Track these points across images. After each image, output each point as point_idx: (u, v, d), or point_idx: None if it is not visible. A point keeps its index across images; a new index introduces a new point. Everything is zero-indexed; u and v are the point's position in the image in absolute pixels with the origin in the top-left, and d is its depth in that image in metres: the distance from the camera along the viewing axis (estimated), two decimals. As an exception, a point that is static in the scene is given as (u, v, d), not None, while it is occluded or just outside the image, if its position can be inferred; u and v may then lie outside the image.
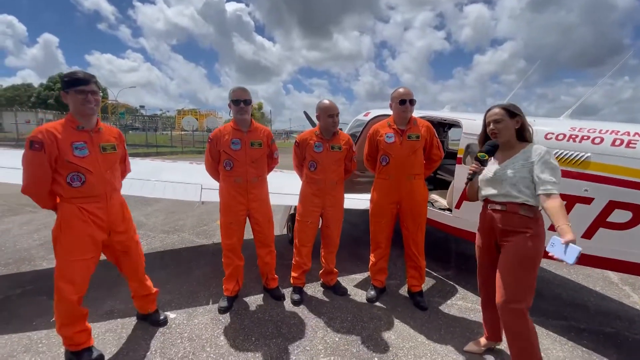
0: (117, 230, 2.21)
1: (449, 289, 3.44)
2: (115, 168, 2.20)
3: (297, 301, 3.01)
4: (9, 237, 4.73)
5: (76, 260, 2.04)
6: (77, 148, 1.97)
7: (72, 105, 1.99)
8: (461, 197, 3.31)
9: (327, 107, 2.88)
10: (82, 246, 2.05)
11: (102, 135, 2.12)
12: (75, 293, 2.07)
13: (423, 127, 2.91)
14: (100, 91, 2.12)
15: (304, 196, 3.01)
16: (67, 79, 1.97)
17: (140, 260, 2.45)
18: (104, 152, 2.10)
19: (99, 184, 2.06)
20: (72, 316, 2.11)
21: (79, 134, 2.01)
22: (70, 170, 1.97)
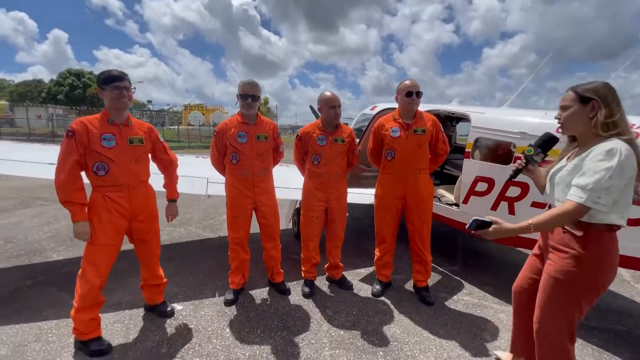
0: (137, 219, 2.32)
1: (455, 284, 3.42)
2: (142, 160, 2.31)
3: (307, 294, 3.02)
4: (20, 229, 4.82)
5: (100, 245, 2.18)
6: (105, 139, 2.13)
7: (108, 100, 2.15)
8: (469, 192, 3.26)
9: (329, 98, 2.85)
10: (105, 232, 2.18)
11: (131, 128, 2.26)
12: (98, 277, 2.19)
13: (429, 121, 2.87)
14: (134, 88, 2.24)
15: (307, 191, 3.00)
16: (104, 77, 2.12)
17: (156, 249, 2.53)
18: (131, 144, 2.23)
19: (122, 174, 2.18)
20: (90, 301, 2.21)
21: (109, 127, 2.16)
22: (97, 159, 2.12)
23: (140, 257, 2.53)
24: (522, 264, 4.15)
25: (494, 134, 3.13)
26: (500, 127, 3.07)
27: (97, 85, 2.17)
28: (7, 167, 2.97)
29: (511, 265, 4.04)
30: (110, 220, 2.18)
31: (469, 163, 3.27)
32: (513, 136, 2.94)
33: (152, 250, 2.50)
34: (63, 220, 5.33)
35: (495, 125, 3.13)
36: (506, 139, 3.01)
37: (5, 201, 6.47)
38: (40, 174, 2.94)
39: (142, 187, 2.33)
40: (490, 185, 3.07)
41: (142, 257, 2.52)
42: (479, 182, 3.16)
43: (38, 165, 3.06)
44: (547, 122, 2.81)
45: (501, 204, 3.00)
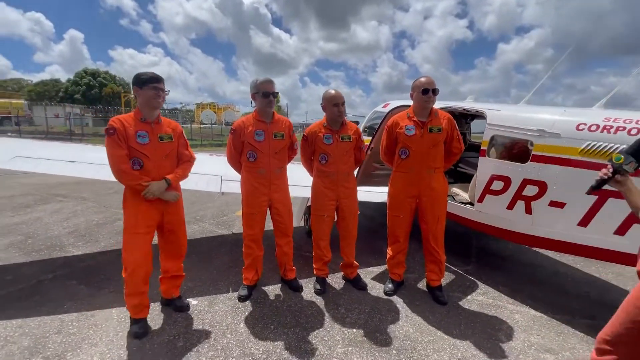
0: (168, 211, 2.44)
1: (469, 284, 3.37)
2: (171, 156, 2.43)
3: (319, 291, 3.03)
4: (40, 224, 4.98)
5: (134, 233, 2.32)
6: (139, 136, 2.26)
7: (144, 99, 2.27)
8: (484, 191, 3.21)
9: (331, 96, 2.82)
10: (137, 221, 2.32)
11: (161, 126, 2.38)
12: (133, 263, 2.33)
13: (444, 119, 2.83)
14: (168, 90, 2.39)
15: (316, 190, 2.99)
16: (144, 78, 2.26)
17: (184, 239, 2.63)
18: (162, 141, 2.35)
19: (155, 169, 2.31)
20: (133, 287, 2.36)
21: (142, 125, 2.29)
22: (133, 155, 2.26)
23: (168, 249, 2.59)
24: (538, 264, 4.08)
25: (510, 132, 3.07)
26: (517, 124, 3.01)
27: (134, 85, 2.28)
28: (32, 165, 3.06)
29: (527, 264, 3.97)
30: (142, 210, 2.32)
31: (484, 161, 3.22)
32: (531, 134, 2.88)
33: (180, 241, 2.60)
34: (82, 216, 5.48)
35: (512, 123, 3.06)
36: (523, 136, 2.95)
37: (26, 197, 6.68)
38: (63, 172, 3.03)
39: None
40: (506, 184, 3.02)
41: (170, 248, 2.59)
42: (495, 181, 3.11)
43: (60, 162, 3.15)
44: (566, 119, 2.75)
45: (518, 203, 2.95)
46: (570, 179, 2.60)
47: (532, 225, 2.88)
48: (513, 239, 3.09)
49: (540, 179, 2.78)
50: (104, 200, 6.63)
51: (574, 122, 2.64)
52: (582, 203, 2.53)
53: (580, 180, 2.53)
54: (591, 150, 2.47)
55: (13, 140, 4.37)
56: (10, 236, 4.44)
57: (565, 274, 3.75)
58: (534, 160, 2.83)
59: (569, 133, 2.63)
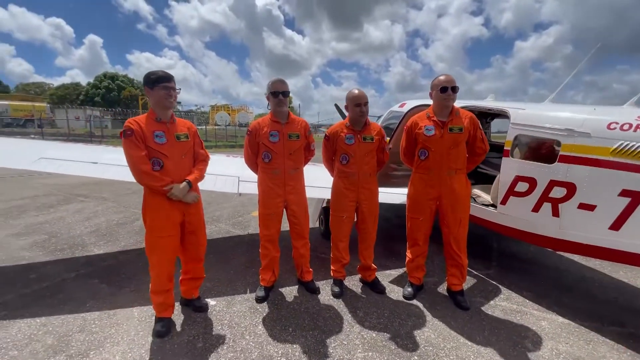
0: (189, 212, 2.43)
1: (491, 288, 3.27)
2: (189, 154, 2.42)
3: (337, 294, 2.99)
4: (63, 224, 5.11)
5: (157, 237, 2.33)
6: (157, 136, 2.25)
7: (155, 99, 2.25)
8: (507, 192, 3.11)
9: (354, 96, 2.79)
10: (161, 225, 2.32)
11: (176, 126, 2.36)
12: (158, 265, 2.37)
13: (466, 118, 2.75)
14: (179, 88, 2.36)
15: (337, 191, 2.96)
16: (153, 77, 2.22)
17: (204, 239, 2.61)
18: (179, 140, 2.34)
19: (174, 169, 2.31)
20: (159, 286, 2.41)
21: (158, 125, 2.28)
22: (152, 155, 2.24)
23: (188, 250, 2.58)
24: (563, 268, 3.93)
25: (536, 131, 2.95)
26: (544, 123, 2.90)
27: (145, 85, 2.26)
28: (56, 166, 3.13)
29: (552, 269, 3.82)
30: (165, 213, 2.31)
31: (508, 162, 3.11)
32: (558, 133, 2.76)
33: (199, 241, 2.58)
34: (103, 216, 5.61)
35: (538, 122, 2.95)
36: (550, 136, 2.83)
37: (49, 198, 6.89)
38: (86, 172, 3.10)
39: None
40: (531, 185, 2.91)
41: (191, 249, 2.58)
42: (519, 182, 3.00)
43: (82, 164, 3.23)
44: (597, 117, 2.63)
45: (544, 205, 2.83)
46: (601, 181, 2.48)
47: (559, 229, 2.76)
48: (539, 242, 2.97)
49: (568, 180, 2.67)
50: (123, 200, 6.77)
51: (605, 121, 2.51)
52: (614, 205, 2.41)
53: (611, 182, 2.41)
54: (624, 150, 2.35)
55: (37, 142, 4.49)
56: (34, 235, 4.57)
57: (592, 279, 3.59)
58: (561, 161, 2.71)
59: (599, 132, 2.51)
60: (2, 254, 3.91)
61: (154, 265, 2.38)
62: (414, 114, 3.07)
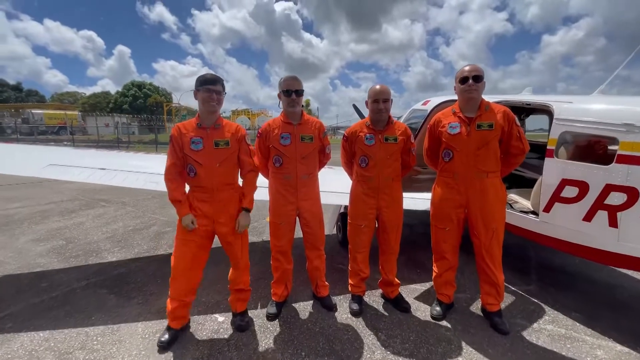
0: (219, 221, 2.32)
1: (532, 308, 2.87)
2: (227, 162, 2.30)
3: (356, 312, 2.69)
4: (82, 229, 5.12)
5: (180, 239, 2.31)
6: (194, 142, 2.21)
7: (200, 102, 2.22)
8: (552, 198, 2.71)
9: (373, 91, 2.51)
10: (186, 229, 2.26)
11: (218, 131, 2.28)
12: (175, 270, 2.32)
13: (499, 113, 2.39)
14: (224, 92, 2.29)
15: (355, 196, 2.67)
16: (200, 79, 2.20)
17: (240, 253, 2.46)
18: (217, 147, 2.24)
19: (207, 177, 2.23)
20: (176, 292, 2.34)
21: (199, 131, 2.23)
22: (188, 162, 2.24)
23: (229, 257, 2.50)
24: (615, 283, 3.43)
25: (587, 127, 2.55)
26: (596, 118, 2.49)
27: (195, 87, 2.22)
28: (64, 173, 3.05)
29: (602, 284, 3.35)
30: (192, 219, 2.25)
31: (552, 163, 2.72)
32: (615, 129, 2.36)
33: (236, 254, 2.44)
34: (120, 221, 5.60)
35: (589, 117, 2.54)
36: (605, 132, 2.43)
37: (73, 202, 7.01)
38: (92, 179, 2.99)
39: (227, 190, 2.31)
40: (582, 190, 2.51)
41: (230, 257, 2.50)
42: (567, 186, 2.60)
43: (90, 170, 3.13)
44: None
45: (598, 214, 2.43)
46: (673, 185, 2.06)
47: (617, 242, 2.35)
48: (591, 256, 2.56)
49: (629, 184, 2.26)
50: (142, 205, 6.78)
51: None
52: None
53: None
54: None
55: (48, 148, 4.51)
56: (53, 240, 4.58)
57: (624, 288, 3.11)
58: (620, 162, 2.31)
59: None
60: (20, 260, 3.90)
61: (174, 269, 2.33)
62: (441, 110, 2.74)
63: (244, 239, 2.46)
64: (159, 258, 3.98)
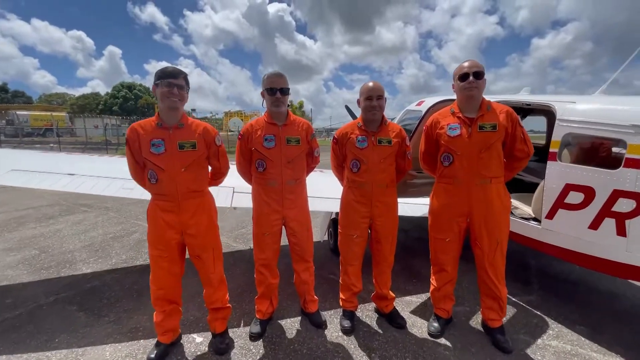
0: (188, 232, 2.09)
1: (535, 321, 2.69)
2: (194, 167, 2.05)
3: (347, 329, 2.48)
4: (58, 238, 4.82)
5: (153, 255, 2.10)
6: (154, 145, 1.96)
7: (159, 98, 1.97)
8: (556, 204, 2.54)
9: (365, 88, 2.31)
10: (156, 242, 2.07)
11: (183, 131, 2.02)
12: (153, 283, 2.13)
13: (501, 113, 2.21)
14: (188, 88, 2.04)
15: (346, 204, 2.46)
16: (158, 72, 1.95)
17: (213, 268, 2.22)
18: (182, 149, 2.00)
19: (171, 183, 1.99)
20: (157, 306, 2.17)
21: (159, 131, 1.98)
22: (148, 167, 2.00)
23: (199, 274, 2.26)
24: (618, 292, 3.27)
25: (592, 129, 2.39)
26: (602, 119, 2.33)
27: (154, 82, 1.97)
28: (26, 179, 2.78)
29: (604, 293, 3.20)
30: (158, 231, 2.05)
31: (555, 167, 2.55)
32: (623, 131, 2.20)
33: (207, 269, 2.21)
34: (100, 228, 5.31)
35: (594, 117, 2.39)
36: (612, 134, 2.27)
37: (52, 208, 6.68)
38: (56, 186, 2.73)
39: (195, 198, 2.09)
40: (588, 196, 2.34)
41: (200, 274, 2.25)
42: (571, 192, 2.44)
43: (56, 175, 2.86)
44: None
45: (605, 222, 2.26)
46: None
47: (626, 252, 2.19)
48: (598, 267, 2.39)
49: (638, 190, 2.10)
50: (126, 210, 6.48)
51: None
52: None
53: None
54: None
55: (11, 152, 4.22)
56: (25, 250, 4.28)
57: None
58: (628, 166, 2.15)
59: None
60: (-15, 273, 3.60)
61: (151, 280, 2.15)
62: (437, 110, 2.56)
63: (216, 250, 2.22)
64: (137, 269, 3.72)
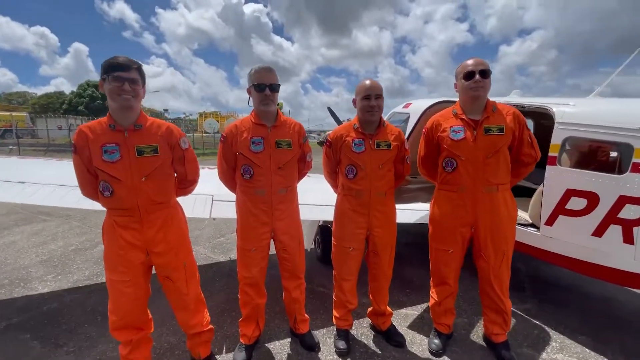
0: (154, 251, 1.81)
1: (537, 332, 2.58)
2: (157, 175, 1.78)
3: (343, 351, 2.26)
4: (12, 251, 4.31)
5: (112, 280, 1.80)
6: (106, 152, 1.67)
7: (108, 95, 1.66)
8: (556, 210, 2.44)
9: (362, 86, 2.10)
10: (116, 265, 1.78)
11: (141, 134, 1.73)
12: (113, 313, 1.84)
13: (508, 115, 2.07)
14: (144, 82, 1.74)
15: (342, 214, 2.24)
16: (105, 64, 1.64)
17: (187, 289, 1.96)
18: (140, 156, 1.71)
19: (130, 195, 1.71)
20: (121, 338, 1.89)
21: (111, 135, 1.69)
22: (100, 177, 1.71)
23: (169, 298, 1.98)
24: (611, 297, 3.22)
25: (595, 132, 2.30)
26: (606, 122, 2.25)
27: (100, 76, 1.67)
28: None
29: (599, 300, 3.16)
30: (117, 251, 1.75)
31: (555, 171, 2.45)
32: (628, 134, 2.12)
33: (180, 291, 1.94)
34: (61, 239, 4.81)
35: (596, 120, 2.30)
36: (617, 138, 2.19)
37: (9, 217, 6.04)
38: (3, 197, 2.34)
39: (160, 211, 1.81)
40: (591, 202, 2.25)
41: (170, 298, 1.98)
42: (573, 197, 2.34)
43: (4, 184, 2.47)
44: None
45: (611, 228, 2.17)
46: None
47: (633, 260, 2.11)
48: (603, 276, 2.31)
49: (644, 195, 2.02)
50: (91, 218, 5.93)
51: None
52: None
53: None
54: None
55: None
56: (-29, 268, 3.76)
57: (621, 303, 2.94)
58: (635, 171, 2.07)
59: None
60: None
61: (110, 309, 1.84)
62: (435, 112, 2.40)
63: (188, 268, 1.94)
64: (102, 287, 3.29)
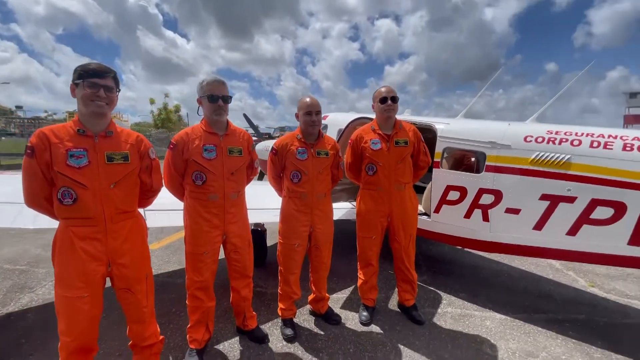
0: (118, 262, 1.77)
1: (432, 295, 3.35)
2: (125, 183, 1.77)
3: (291, 337, 2.53)
4: None
5: (66, 297, 1.68)
6: (72, 156, 1.63)
7: (80, 101, 1.66)
8: (440, 201, 3.25)
9: (304, 103, 2.48)
10: (73, 280, 1.67)
11: (111, 141, 1.73)
12: (67, 335, 1.71)
13: (410, 131, 2.75)
14: (118, 90, 1.74)
15: (287, 214, 2.55)
16: (78, 69, 1.65)
17: (146, 301, 1.93)
18: (110, 162, 1.70)
19: (95, 203, 1.67)
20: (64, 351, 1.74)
21: (80, 140, 1.66)
22: (62, 183, 1.64)
23: (125, 310, 1.92)
24: (477, 264, 4.34)
25: (463, 144, 3.18)
26: (469, 136, 3.15)
27: (72, 81, 1.66)
28: None
29: (469, 267, 4.19)
30: (75, 265, 1.67)
31: (438, 172, 3.27)
32: (483, 145, 3.02)
33: (139, 303, 1.89)
34: (23, 243, 3.65)
35: (464, 135, 3.19)
36: (476, 148, 3.08)
37: None
38: None
39: (125, 220, 1.79)
40: (462, 194, 3.10)
41: (127, 310, 1.92)
42: (451, 191, 3.18)
43: None
44: (514, 131, 2.96)
45: (475, 212, 3.05)
46: (523, 187, 2.79)
47: (489, 232, 3.01)
48: (472, 246, 3.19)
49: (495, 187, 2.93)
50: None
51: (522, 135, 2.85)
52: (536, 208, 2.73)
53: (533, 188, 2.74)
54: (541, 160, 2.69)
55: None
56: None
57: (501, 272, 4.08)
58: (488, 170, 2.97)
59: (518, 144, 2.83)
60: None
61: (61, 330, 1.72)
62: (356, 127, 2.92)
63: (149, 280, 1.95)
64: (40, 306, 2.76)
